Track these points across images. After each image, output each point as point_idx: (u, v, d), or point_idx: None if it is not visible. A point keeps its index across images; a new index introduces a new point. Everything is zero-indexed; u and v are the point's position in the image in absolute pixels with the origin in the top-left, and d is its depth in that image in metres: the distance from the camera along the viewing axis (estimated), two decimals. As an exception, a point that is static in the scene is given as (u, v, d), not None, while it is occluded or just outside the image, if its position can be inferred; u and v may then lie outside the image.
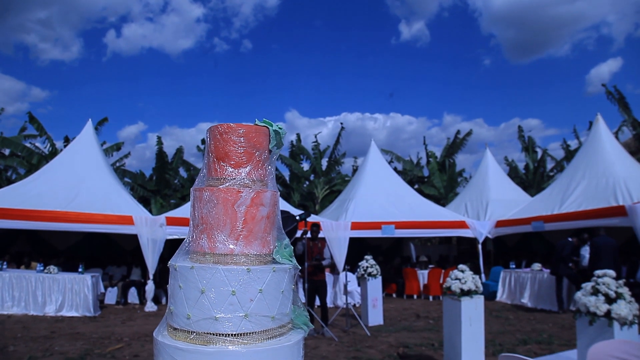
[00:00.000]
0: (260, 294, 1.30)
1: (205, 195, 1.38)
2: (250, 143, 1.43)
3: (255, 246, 1.37)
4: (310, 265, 8.25)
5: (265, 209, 1.39)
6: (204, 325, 1.28)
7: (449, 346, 6.17)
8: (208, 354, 1.24)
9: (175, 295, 1.35)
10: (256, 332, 1.30)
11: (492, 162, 17.75)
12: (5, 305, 10.47)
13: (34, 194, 11.55)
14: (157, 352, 1.34)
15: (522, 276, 12.40)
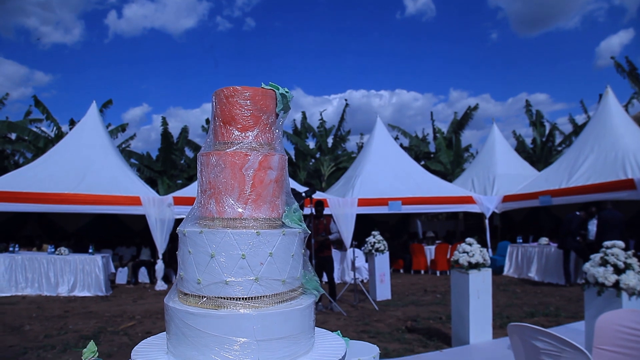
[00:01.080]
0: (270, 258, 1.29)
1: (212, 160, 1.36)
2: (257, 106, 1.40)
3: (264, 210, 1.35)
4: (316, 242, 8.26)
5: (273, 173, 1.37)
6: (215, 290, 1.27)
7: (457, 319, 6.21)
8: (219, 317, 1.24)
9: (185, 261, 1.34)
10: (267, 295, 1.29)
11: (499, 137, 17.60)
12: (19, 286, 10.65)
13: (41, 177, 11.62)
14: (169, 318, 1.34)
15: (529, 250, 12.41)
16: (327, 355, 1.35)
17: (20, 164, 18.64)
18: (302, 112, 23.37)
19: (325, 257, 8.50)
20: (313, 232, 8.25)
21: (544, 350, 2.96)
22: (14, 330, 7.27)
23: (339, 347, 1.44)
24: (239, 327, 1.23)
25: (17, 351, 6.10)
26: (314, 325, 1.44)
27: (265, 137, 1.42)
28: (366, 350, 1.83)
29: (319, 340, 1.51)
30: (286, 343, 1.28)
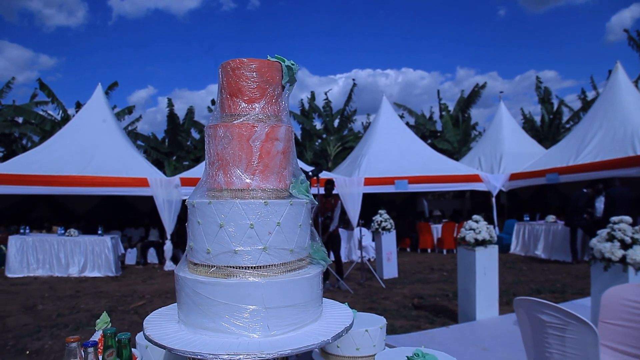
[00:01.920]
0: (278, 227, 1.31)
1: (219, 132, 1.36)
2: (263, 78, 1.40)
3: (271, 181, 1.36)
4: (323, 220, 8.31)
5: (280, 144, 1.38)
6: (224, 259, 1.29)
7: (463, 296, 6.25)
8: (228, 285, 1.26)
9: (194, 232, 1.36)
10: (275, 264, 1.31)
11: (506, 114, 17.44)
12: (31, 267, 10.82)
13: (49, 160, 11.69)
14: (179, 287, 1.36)
15: (536, 228, 12.41)
16: (335, 323, 1.37)
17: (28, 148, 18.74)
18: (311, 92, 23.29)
19: (331, 235, 8.53)
20: (321, 210, 8.27)
21: (550, 323, 2.98)
22: (28, 309, 7.42)
23: (346, 315, 1.46)
24: (248, 295, 1.25)
25: (31, 329, 6.24)
26: (321, 294, 1.46)
27: (272, 109, 1.42)
28: (373, 321, 1.86)
29: (327, 309, 1.53)
30: (294, 311, 1.31)
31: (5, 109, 19.20)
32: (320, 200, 8.41)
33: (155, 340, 1.26)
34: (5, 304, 7.75)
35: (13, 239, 10.88)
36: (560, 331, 2.93)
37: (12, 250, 10.78)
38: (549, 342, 3.03)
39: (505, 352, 4.79)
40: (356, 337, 1.75)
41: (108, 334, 1.28)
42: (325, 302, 1.59)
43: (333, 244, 8.59)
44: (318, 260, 1.45)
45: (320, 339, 1.25)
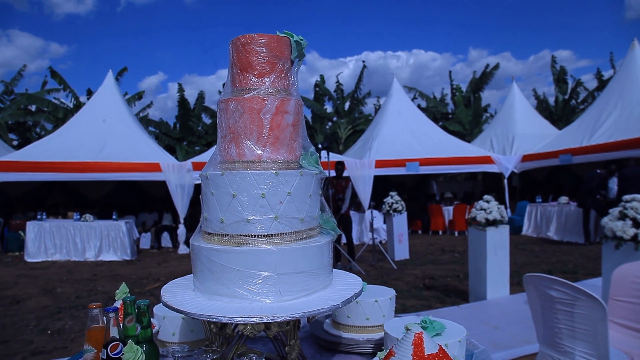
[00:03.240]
0: (288, 197, 1.35)
1: (231, 106, 1.40)
2: (273, 53, 1.43)
3: (282, 153, 1.40)
4: (334, 202, 8.36)
5: (290, 117, 1.41)
6: (237, 228, 1.34)
7: (474, 276, 6.29)
8: (241, 252, 1.30)
9: (208, 203, 1.41)
10: (286, 232, 1.35)
11: (519, 95, 17.22)
12: (49, 252, 11.05)
13: (63, 147, 11.84)
14: (195, 256, 1.41)
15: (549, 210, 12.34)
16: (344, 290, 1.42)
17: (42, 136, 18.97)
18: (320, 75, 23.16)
19: (343, 216, 8.57)
20: (332, 192, 8.31)
21: (559, 299, 3.01)
22: (47, 292, 7.61)
23: (356, 283, 1.51)
24: (260, 261, 1.30)
25: (51, 311, 6.41)
26: (331, 263, 1.51)
27: (282, 83, 1.45)
28: (383, 292, 1.90)
29: (337, 278, 1.58)
30: (305, 277, 1.35)
31: (18, 98, 19.40)
32: (331, 182, 8.43)
33: (173, 306, 1.32)
34: (26, 287, 7.96)
35: (31, 225, 11.11)
36: (569, 307, 2.95)
37: (30, 236, 11.02)
38: (557, 317, 3.06)
39: (515, 329, 4.83)
40: (366, 307, 1.79)
41: (128, 302, 1.34)
42: (336, 272, 1.63)
43: (344, 226, 8.63)
44: (328, 230, 1.49)
45: (330, 303, 1.30)
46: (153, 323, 1.65)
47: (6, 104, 19.87)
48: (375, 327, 1.80)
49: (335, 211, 8.42)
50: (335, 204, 8.43)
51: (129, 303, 1.34)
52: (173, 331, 1.79)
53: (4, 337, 5.35)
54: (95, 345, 1.38)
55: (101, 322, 1.40)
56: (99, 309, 1.41)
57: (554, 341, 3.12)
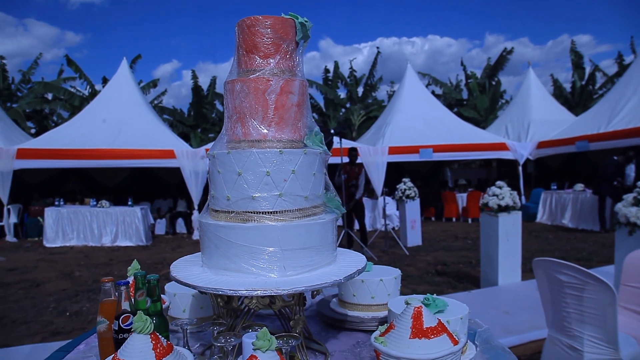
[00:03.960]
0: (293, 175, 1.38)
1: (237, 87, 1.43)
2: (277, 34, 1.45)
3: (286, 132, 1.43)
4: (347, 188, 8.37)
5: (294, 97, 1.44)
6: (242, 205, 1.37)
7: (486, 262, 6.28)
8: (247, 228, 1.34)
9: (215, 181, 1.44)
10: (291, 210, 1.38)
11: (535, 81, 16.94)
12: (66, 237, 11.28)
13: (79, 135, 12.01)
14: (202, 233, 1.46)
15: (564, 197, 12.21)
16: (348, 266, 1.45)
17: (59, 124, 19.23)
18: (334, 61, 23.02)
19: (356, 202, 8.59)
20: (344, 178, 8.32)
21: (568, 283, 3.01)
22: (66, 276, 7.80)
23: (359, 260, 1.54)
24: (265, 237, 1.34)
25: (70, 294, 6.58)
26: (335, 240, 1.54)
27: (286, 64, 1.47)
28: (388, 272, 1.93)
29: (342, 256, 1.62)
30: (309, 253, 1.39)
31: (35, 86, 19.67)
32: (345, 168, 8.45)
33: (181, 280, 1.36)
34: (45, 271, 8.16)
35: (49, 211, 11.34)
36: (579, 291, 2.95)
37: (48, 222, 11.26)
38: (566, 301, 3.07)
39: (526, 315, 4.84)
40: (371, 286, 1.83)
41: (138, 277, 1.39)
42: (341, 251, 1.67)
43: (358, 212, 8.66)
44: (332, 209, 1.52)
45: (333, 278, 1.33)
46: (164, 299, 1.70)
47: (23, 92, 20.17)
48: (380, 305, 1.84)
49: (349, 197, 8.43)
50: (348, 190, 8.44)
51: (139, 278, 1.39)
52: (183, 308, 1.85)
53: (25, 318, 5.51)
54: (107, 317, 1.43)
55: (113, 296, 1.45)
56: (111, 283, 1.46)
57: (563, 325, 3.13)
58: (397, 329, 1.17)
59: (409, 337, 1.13)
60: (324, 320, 1.94)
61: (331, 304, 1.99)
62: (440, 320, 1.19)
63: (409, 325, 1.15)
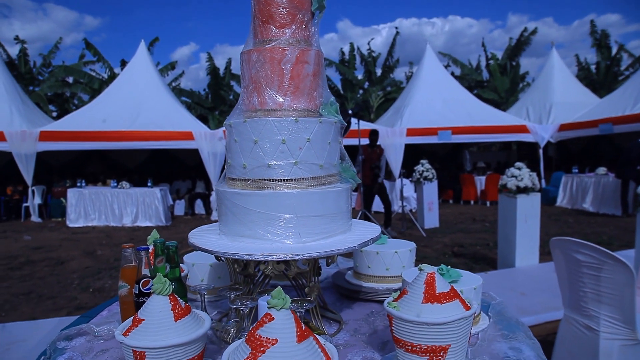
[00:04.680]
0: (308, 143, 1.39)
1: (253, 57, 1.44)
2: (293, 4, 1.46)
3: (302, 101, 1.44)
4: (369, 170, 8.36)
5: (310, 67, 1.45)
6: (259, 173, 1.39)
7: (503, 243, 6.24)
8: (263, 195, 1.36)
9: (231, 150, 1.47)
10: (306, 178, 1.40)
11: (559, 62, 16.52)
12: (88, 217, 11.53)
13: (99, 117, 12.18)
14: (220, 201, 1.49)
15: (585, 180, 11.99)
16: (362, 235, 1.47)
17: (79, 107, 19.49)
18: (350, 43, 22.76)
19: (380, 184, 8.60)
20: (362, 159, 8.30)
21: (585, 262, 2.98)
22: (88, 254, 8.00)
23: (374, 230, 1.55)
24: (280, 204, 1.36)
25: (92, 271, 6.76)
26: (350, 210, 1.56)
27: (302, 34, 1.48)
28: (403, 244, 1.95)
29: (356, 226, 1.64)
30: (324, 221, 1.41)
31: (56, 70, 19.93)
32: (365, 151, 8.41)
33: (199, 246, 1.40)
34: (69, 250, 8.38)
35: (71, 192, 11.59)
36: (596, 270, 2.93)
37: (71, 203, 11.52)
38: (583, 281, 3.05)
39: (543, 297, 4.81)
40: (386, 258, 1.84)
41: (158, 244, 1.43)
42: (356, 222, 1.69)
43: (382, 194, 8.65)
44: (347, 179, 1.53)
45: (347, 245, 1.35)
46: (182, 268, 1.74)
47: (45, 76, 20.47)
48: (395, 277, 1.85)
49: (373, 179, 8.42)
50: (371, 173, 8.40)
51: (159, 245, 1.43)
52: (202, 277, 1.90)
53: (51, 294, 5.70)
54: (128, 281, 1.48)
55: (134, 262, 1.50)
56: (132, 249, 1.51)
57: (579, 305, 3.11)
58: (410, 294, 1.18)
59: (421, 302, 1.14)
60: (339, 291, 1.97)
61: (346, 276, 2.01)
62: (452, 287, 1.20)
63: (422, 291, 1.16)
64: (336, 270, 2.20)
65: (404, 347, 1.16)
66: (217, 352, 1.39)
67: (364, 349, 1.41)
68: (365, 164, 8.44)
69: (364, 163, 8.44)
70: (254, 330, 0.96)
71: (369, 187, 8.51)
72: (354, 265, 2.00)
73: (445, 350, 1.13)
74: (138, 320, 1.14)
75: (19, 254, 8.13)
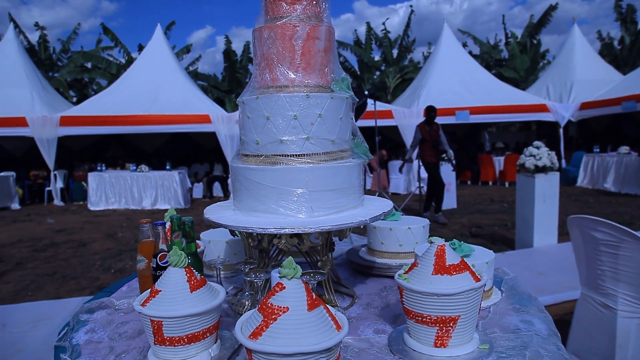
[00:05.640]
0: (319, 119, 1.40)
1: (264, 34, 1.45)
2: (303, -20, 1.46)
3: (313, 77, 1.45)
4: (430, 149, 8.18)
5: (321, 43, 1.45)
6: (271, 148, 1.41)
7: (521, 223, 6.20)
8: (276, 170, 1.39)
9: (245, 126, 1.49)
10: (318, 153, 1.42)
11: (580, 39, 16.05)
12: (109, 201, 11.75)
13: (117, 102, 12.32)
14: (234, 177, 1.52)
15: (607, 160, 11.75)
16: (374, 210, 1.48)
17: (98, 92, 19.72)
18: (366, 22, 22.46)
19: (430, 163, 8.31)
20: (427, 140, 8.11)
21: (603, 240, 2.95)
22: (109, 236, 8.18)
23: (386, 205, 1.57)
24: (293, 179, 1.38)
25: (114, 252, 6.92)
26: (362, 185, 1.57)
27: (313, 10, 1.47)
28: (417, 221, 1.96)
29: (369, 201, 1.65)
30: (336, 195, 1.43)
31: (74, 56, 20.15)
32: (423, 129, 8.15)
33: (214, 220, 1.43)
34: (90, 232, 8.58)
35: (92, 176, 11.80)
36: (614, 248, 2.90)
37: (92, 186, 11.74)
38: (601, 259, 3.02)
39: (560, 276, 4.79)
40: (399, 234, 1.86)
41: (174, 220, 1.46)
42: (369, 197, 1.70)
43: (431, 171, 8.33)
44: (359, 154, 1.54)
45: (359, 219, 1.37)
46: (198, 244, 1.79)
47: (64, 62, 20.72)
48: (408, 253, 1.87)
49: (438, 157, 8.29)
50: (435, 151, 8.21)
51: (175, 221, 1.47)
52: (217, 254, 1.94)
53: (74, 274, 5.86)
54: (146, 255, 1.53)
55: (151, 237, 1.54)
56: (149, 225, 1.55)
57: (597, 283, 3.10)
58: (420, 266, 1.19)
59: (431, 273, 1.16)
60: (353, 267, 2.00)
61: (360, 253, 2.04)
62: (463, 259, 1.21)
63: (432, 263, 1.17)
64: (350, 247, 2.23)
65: (414, 319, 1.18)
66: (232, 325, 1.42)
67: (376, 322, 1.43)
68: (425, 143, 8.15)
69: (423, 142, 8.16)
70: (266, 299, 0.99)
71: (435, 164, 8.22)
72: (368, 242, 2.02)
73: (455, 321, 1.14)
74: (155, 291, 1.17)
75: (43, 236, 8.35)
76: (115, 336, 1.40)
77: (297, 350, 0.89)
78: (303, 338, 0.91)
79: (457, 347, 1.17)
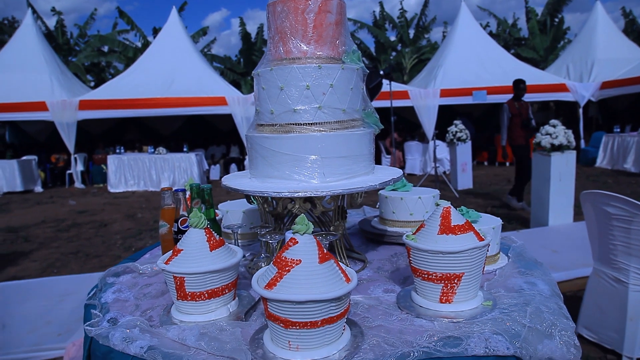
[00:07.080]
0: (331, 89, 1.46)
1: (278, 8, 1.51)
2: (315, -46, 1.50)
3: (325, 49, 1.51)
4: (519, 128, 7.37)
5: (332, 16, 1.50)
6: (285, 117, 1.48)
7: (537, 202, 6.19)
8: (289, 138, 1.46)
9: (260, 97, 1.56)
10: (330, 121, 1.48)
11: (603, 16, 15.57)
12: (128, 183, 11.99)
13: (134, 85, 12.44)
14: (250, 146, 1.59)
15: (627, 140, 11.55)
16: (384, 176, 1.55)
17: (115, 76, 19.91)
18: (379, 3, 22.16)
19: (521, 145, 7.46)
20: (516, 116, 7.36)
21: (616, 215, 2.97)
22: (129, 217, 8.38)
23: (395, 172, 1.63)
24: (306, 146, 1.45)
25: (134, 232, 7.12)
26: (373, 153, 1.63)
27: (324, -16, 1.52)
28: (427, 191, 2.01)
29: (380, 169, 1.72)
30: (347, 162, 1.49)
31: (91, 40, 20.34)
32: (512, 106, 7.41)
33: (231, 186, 1.51)
34: (111, 213, 8.80)
35: (111, 159, 12.03)
36: (626, 223, 2.92)
37: (111, 169, 11.98)
38: (613, 234, 3.04)
39: (575, 254, 4.79)
40: (410, 204, 1.92)
41: (194, 188, 1.55)
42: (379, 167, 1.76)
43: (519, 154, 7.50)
44: (370, 124, 1.60)
45: (369, 183, 1.44)
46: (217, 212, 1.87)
47: (81, 46, 20.93)
48: (419, 222, 1.93)
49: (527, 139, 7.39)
50: (525, 131, 7.36)
51: (194, 188, 1.55)
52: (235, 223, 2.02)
53: (96, 253, 6.06)
54: (168, 221, 1.62)
55: (172, 203, 1.63)
56: (170, 192, 1.64)
57: (609, 258, 3.12)
58: (427, 227, 1.26)
59: (437, 233, 1.22)
60: (365, 235, 2.07)
61: (372, 222, 2.11)
62: (468, 220, 1.27)
63: (438, 223, 1.24)
64: (362, 217, 2.30)
65: (421, 276, 1.25)
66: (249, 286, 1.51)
67: (385, 283, 1.50)
68: (514, 120, 7.30)
69: (512, 120, 7.34)
70: (280, 254, 1.06)
71: (524, 147, 7.32)
72: (380, 212, 2.09)
73: (459, 278, 1.21)
74: (177, 250, 1.26)
75: (66, 217, 8.60)
76: (140, 296, 1.50)
77: (309, 297, 0.96)
78: (314, 287, 0.99)
79: (461, 303, 1.23)
